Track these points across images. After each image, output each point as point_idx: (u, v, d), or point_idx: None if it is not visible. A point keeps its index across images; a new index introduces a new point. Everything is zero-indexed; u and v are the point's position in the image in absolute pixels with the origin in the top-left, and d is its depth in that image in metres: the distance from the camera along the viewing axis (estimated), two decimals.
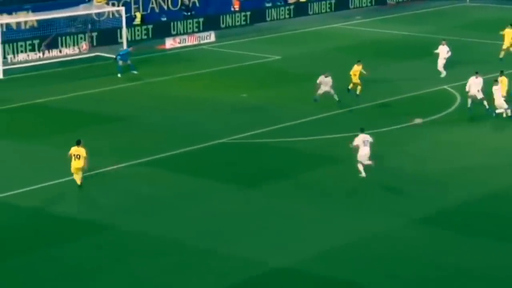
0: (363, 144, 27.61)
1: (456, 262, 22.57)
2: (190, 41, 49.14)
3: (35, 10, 45.97)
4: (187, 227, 24.69)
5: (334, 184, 27.98)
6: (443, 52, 40.69)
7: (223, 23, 53.23)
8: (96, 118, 34.79)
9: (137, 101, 37.50)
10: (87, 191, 27.46)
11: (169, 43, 48.30)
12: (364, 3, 60.68)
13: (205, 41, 49.57)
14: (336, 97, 35.58)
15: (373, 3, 61.11)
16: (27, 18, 45.59)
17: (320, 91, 35.68)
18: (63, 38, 45.94)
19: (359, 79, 37.00)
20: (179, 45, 48.36)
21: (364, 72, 37.37)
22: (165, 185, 27.93)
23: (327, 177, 28.53)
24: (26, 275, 21.88)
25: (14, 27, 45.25)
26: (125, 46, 45.34)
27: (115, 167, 29.22)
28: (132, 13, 50.34)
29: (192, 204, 26.36)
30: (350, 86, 37.73)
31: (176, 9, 53.05)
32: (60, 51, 45.32)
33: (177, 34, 50.07)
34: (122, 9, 47.06)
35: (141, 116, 35.21)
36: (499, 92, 33.96)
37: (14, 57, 43.91)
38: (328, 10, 58.45)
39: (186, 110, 36.03)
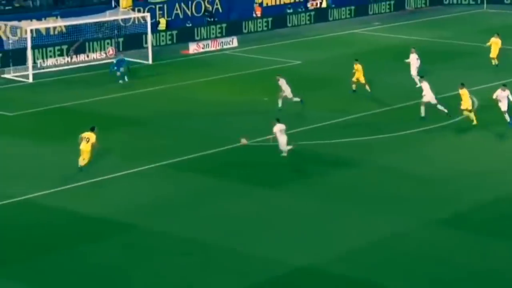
0: (280, 133, 29.78)
1: (471, 262, 22.59)
2: (213, 46, 49.35)
3: (63, 16, 46.27)
4: (209, 227, 24.85)
5: (354, 186, 28.05)
6: (414, 60, 40.23)
7: (245, 29, 53.42)
8: (121, 121, 35.05)
9: (161, 105, 37.71)
10: (112, 192, 27.70)
11: (193, 48, 48.52)
12: (383, 9, 60.63)
13: (228, 46, 49.75)
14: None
15: (392, 9, 61.02)
16: (56, 24, 45.90)
17: (283, 94, 35.83)
18: (90, 43, 46.23)
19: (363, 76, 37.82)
20: (202, 50, 48.57)
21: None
22: (188, 186, 28.11)
23: (347, 179, 28.60)
24: (54, 273, 22.13)
25: (44, 32, 45.57)
26: (149, 51, 45.62)
27: (139, 168, 29.43)
28: (157, 19, 50.61)
29: (214, 205, 26.52)
30: (354, 87, 37.94)
31: (199, 15, 53.28)
32: (87, 56, 45.63)
33: (200, 40, 50.30)
34: (148, 15, 47.31)
35: (165, 119, 35.42)
36: (505, 99, 33.57)
37: (44, 61, 44.26)
38: (347, 16, 58.48)
39: (209, 113, 36.19)
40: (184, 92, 39.82)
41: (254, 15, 55.00)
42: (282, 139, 30.13)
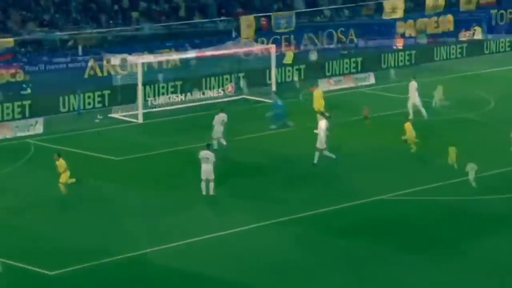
0: (203, 161, 31.98)
1: None
2: (346, 83, 49.49)
3: (178, 48, 47.27)
4: None
5: None
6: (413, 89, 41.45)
7: (384, 63, 53.37)
8: (240, 168, 35.42)
9: (284, 150, 37.95)
10: (229, 249, 27.97)
11: (323, 85, 48.76)
12: None
13: (364, 83, 49.81)
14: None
15: None
16: (169, 57, 46.81)
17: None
18: (207, 79, 46.95)
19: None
20: (333, 88, 48.76)
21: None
22: (314, 247, 28.10)
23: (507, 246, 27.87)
24: None
25: (156, 67, 46.48)
26: (274, 87, 46.07)
27: (260, 223, 29.62)
28: (283, 51, 51.11)
29: (346, 270, 26.33)
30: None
31: (331, 47, 53.56)
32: (203, 94, 46.39)
33: (332, 75, 50.53)
34: (272, 47, 47.85)
35: (287, 167, 35.63)
36: None
37: (155, 100, 45.15)
38: (507, 49, 57.53)
39: (342, 161, 36.13)
40: (312, 136, 39.91)
41: (394, 47, 54.95)
42: (205, 168, 32.01)
